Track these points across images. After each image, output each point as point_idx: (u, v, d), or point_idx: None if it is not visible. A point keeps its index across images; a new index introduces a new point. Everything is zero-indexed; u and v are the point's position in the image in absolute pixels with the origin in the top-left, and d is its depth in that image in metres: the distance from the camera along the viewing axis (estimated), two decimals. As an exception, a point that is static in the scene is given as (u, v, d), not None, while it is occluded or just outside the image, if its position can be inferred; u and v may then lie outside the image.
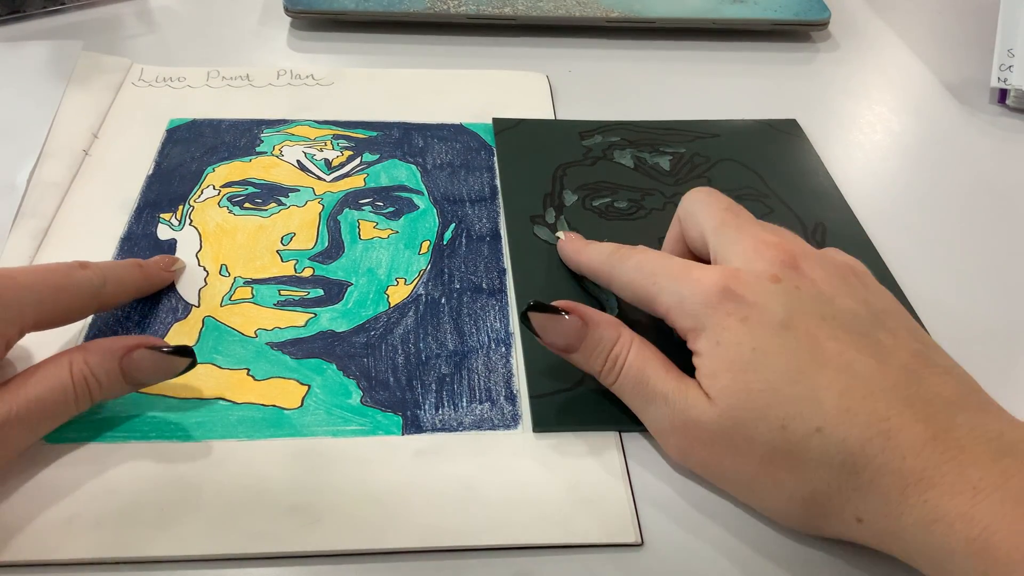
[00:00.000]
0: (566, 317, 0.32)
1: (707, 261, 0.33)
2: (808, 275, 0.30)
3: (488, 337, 0.36)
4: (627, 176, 0.44)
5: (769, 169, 0.45)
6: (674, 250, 0.36)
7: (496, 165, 0.45)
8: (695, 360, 0.30)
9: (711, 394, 0.29)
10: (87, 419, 0.32)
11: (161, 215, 0.41)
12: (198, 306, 0.36)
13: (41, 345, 0.34)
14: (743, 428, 0.28)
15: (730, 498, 0.31)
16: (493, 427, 0.32)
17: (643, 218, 0.42)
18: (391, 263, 0.39)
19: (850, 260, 0.32)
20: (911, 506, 0.25)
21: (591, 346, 0.32)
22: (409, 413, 0.33)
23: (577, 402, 0.33)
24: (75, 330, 0.35)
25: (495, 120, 0.48)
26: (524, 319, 0.32)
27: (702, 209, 0.34)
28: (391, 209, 0.42)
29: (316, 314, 0.36)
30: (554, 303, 0.32)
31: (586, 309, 0.32)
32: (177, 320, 0.36)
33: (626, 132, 0.47)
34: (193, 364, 0.31)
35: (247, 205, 0.41)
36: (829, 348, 0.28)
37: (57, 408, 0.29)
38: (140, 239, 0.39)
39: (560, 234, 0.39)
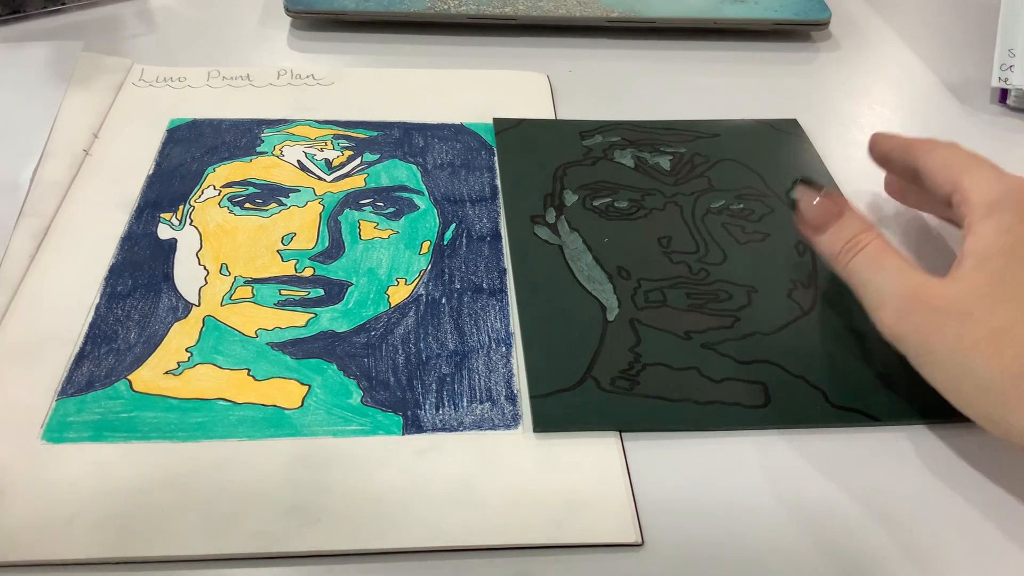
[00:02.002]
0: (825, 196, 0.34)
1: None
2: None
3: (488, 337, 0.36)
4: (627, 176, 0.44)
5: (770, 169, 0.45)
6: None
7: (496, 165, 0.45)
8: (969, 239, 0.31)
9: (970, 272, 0.30)
10: (87, 419, 0.32)
11: (161, 215, 0.41)
12: (198, 305, 0.36)
13: (46, 338, 0.34)
14: (988, 300, 0.29)
15: (730, 498, 0.31)
16: (494, 427, 0.32)
17: (643, 218, 0.42)
18: (391, 263, 0.39)
19: None
20: None
21: (838, 230, 0.34)
22: (409, 413, 0.33)
23: (578, 402, 0.33)
24: (75, 328, 0.35)
25: (496, 120, 0.48)
26: (790, 194, 0.36)
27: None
28: (391, 209, 0.42)
29: (316, 314, 0.36)
30: (823, 190, 0.35)
31: (845, 199, 0.35)
32: (177, 319, 0.36)
33: (626, 132, 0.47)
34: None
35: (248, 205, 0.41)
36: None
37: None
38: (140, 239, 0.39)
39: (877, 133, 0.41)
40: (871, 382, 0.34)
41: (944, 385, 0.30)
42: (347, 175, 0.43)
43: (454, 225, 0.41)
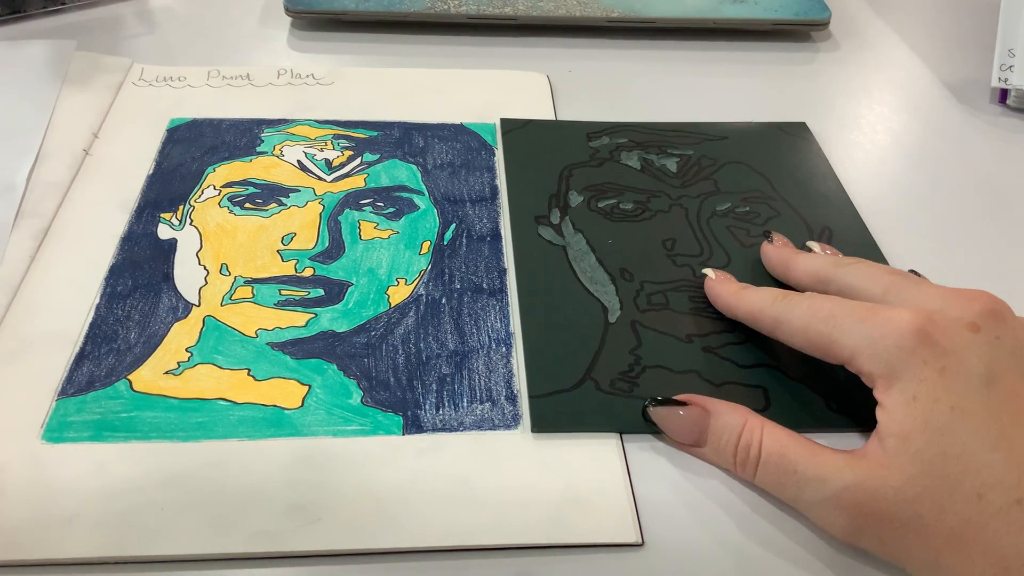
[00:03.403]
0: (683, 408, 0.31)
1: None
2: (1009, 325, 0.28)
3: (489, 337, 0.36)
4: (633, 177, 0.44)
5: (777, 172, 0.45)
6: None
7: (496, 165, 0.45)
8: (881, 413, 0.28)
9: (896, 458, 0.26)
10: (87, 419, 0.32)
11: (162, 215, 0.41)
12: (198, 305, 0.36)
13: (46, 338, 0.34)
14: (933, 498, 0.26)
15: (729, 497, 0.31)
16: (494, 427, 0.32)
17: (648, 220, 0.42)
18: (391, 263, 0.39)
19: None
20: None
21: (717, 436, 0.30)
22: (410, 413, 0.33)
23: (576, 403, 0.33)
24: (75, 328, 0.35)
25: (502, 120, 0.47)
26: (645, 416, 0.32)
27: (861, 279, 0.32)
28: (392, 209, 0.42)
29: (316, 314, 0.36)
30: (674, 397, 0.32)
31: (705, 398, 0.31)
32: (178, 319, 0.36)
33: (634, 133, 0.47)
34: None
35: (248, 205, 0.41)
36: None
37: None
38: (140, 239, 0.39)
39: (709, 272, 0.37)
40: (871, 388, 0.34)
41: None
42: (347, 175, 0.43)
43: (454, 225, 0.41)
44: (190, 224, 0.40)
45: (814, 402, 0.34)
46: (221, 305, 0.36)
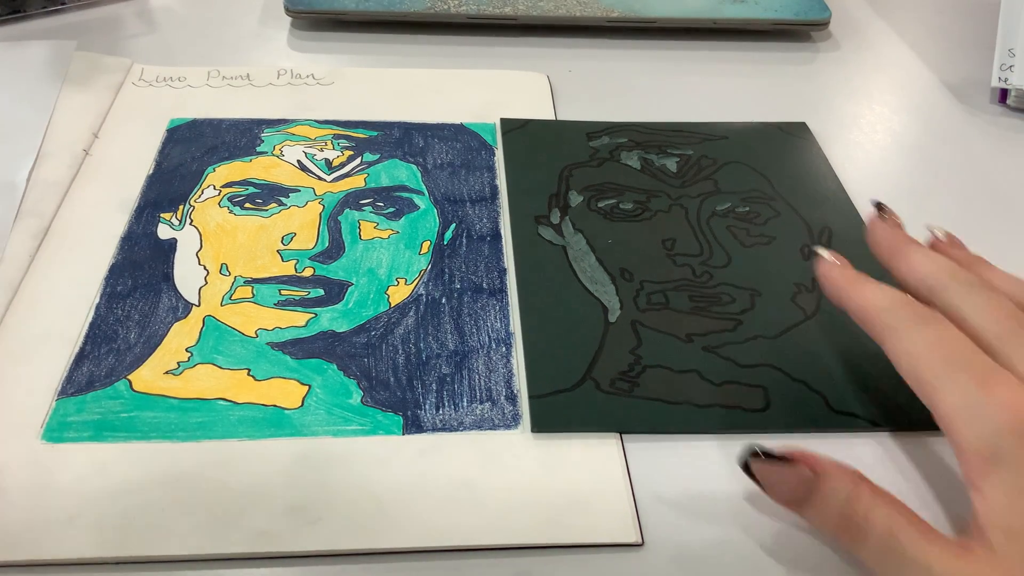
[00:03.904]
0: (790, 467, 0.28)
1: None
2: None
3: (489, 337, 0.36)
4: (633, 177, 0.44)
5: (777, 172, 0.45)
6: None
7: (496, 165, 0.45)
8: (977, 499, 0.25)
9: (1005, 557, 0.24)
10: (87, 419, 0.32)
11: (161, 215, 0.41)
12: (198, 305, 0.36)
13: (46, 338, 0.34)
14: None
15: (729, 498, 0.31)
16: (494, 427, 0.32)
17: (648, 220, 0.42)
18: (391, 263, 0.39)
19: None
20: None
21: (822, 501, 0.27)
22: (409, 413, 0.33)
23: (576, 403, 0.33)
24: (75, 328, 0.35)
25: (502, 120, 0.47)
26: (746, 468, 0.28)
27: (976, 313, 0.29)
28: (392, 209, 0.42)
29: (316, 314, 0.36)
30: (780, 452, 0.28)
31: (812, 455, 0.28)
32: (177, 319, 0.36)
33: (633, 133, 0.47)
34: None
35: (248, 205, 0.41)
36: None
37: None
38: (140, 239, 0.39)
39: (824, 253, 0.33)
40: (872, 387, 0.34)
41: None
42: (347, 175, 0.43)
43: (454, 225, 0.41)
44: (190, 224, 0.40)
45: (814, 402, 0.34)
46: (221, 305, 0.36)
